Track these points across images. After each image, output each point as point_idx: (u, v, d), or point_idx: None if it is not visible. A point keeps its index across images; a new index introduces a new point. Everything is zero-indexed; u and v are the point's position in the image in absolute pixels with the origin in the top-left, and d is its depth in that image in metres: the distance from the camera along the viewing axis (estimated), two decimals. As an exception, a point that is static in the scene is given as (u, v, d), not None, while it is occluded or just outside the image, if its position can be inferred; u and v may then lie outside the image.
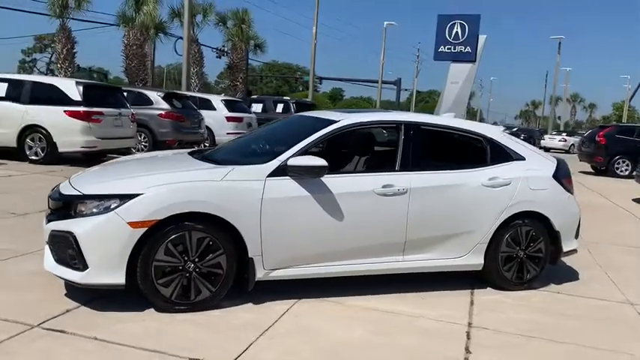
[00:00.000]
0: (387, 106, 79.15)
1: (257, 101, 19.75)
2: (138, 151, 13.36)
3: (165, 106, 14.10)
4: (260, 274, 4.08)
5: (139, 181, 3.90)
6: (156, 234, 3.74)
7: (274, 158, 4.16)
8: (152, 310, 3.87)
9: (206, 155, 4.66)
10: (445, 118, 5.11)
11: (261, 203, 3.98)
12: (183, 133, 14.11)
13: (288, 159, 4.12)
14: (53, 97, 11.32)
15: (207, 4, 28.96)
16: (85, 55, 70.55)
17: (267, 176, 4.06)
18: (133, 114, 12.68)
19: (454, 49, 45.01)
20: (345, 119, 4.54)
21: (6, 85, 11.63)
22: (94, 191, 3.87)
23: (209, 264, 3.90)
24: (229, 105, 16.66)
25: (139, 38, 24.27)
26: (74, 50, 23.24)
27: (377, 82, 62.88)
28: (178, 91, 16.35)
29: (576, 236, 5.24)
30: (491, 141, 4.93)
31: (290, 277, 4.24)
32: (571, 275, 5.61)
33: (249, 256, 4.00)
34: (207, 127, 15.54)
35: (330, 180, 4.22)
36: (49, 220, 3.98)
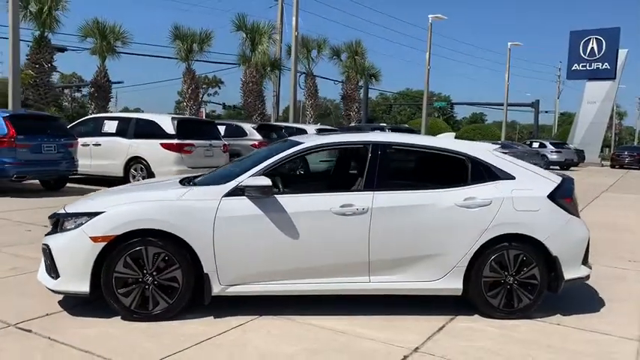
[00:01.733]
0: (527, 128, 74.38)
1: (355, 129, 20.12)
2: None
3: (258, 137, 15.03)
4: (216, 290, 4.31)
5: (104, 200, 4.38)
6: (115, 248, 4.16)
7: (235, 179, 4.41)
8: (119, 318, 4.27)
9: (190, 179, 5.02)
10: (422, 137, 4.97)
11: (214, 221, 4.23)
12: (274, 162, 14.85)
13: (245, 180, 4.35)
14: (152, 131, 12.71)
15: (322, 39, 30.48)
16: (233, 93, 76.67)
17: (224, 196, 4.31)
18: (225, 145, 13.68)
19: (590, 66, 42.26)
20: (307, 142, 4.66)
21: (117, 122, 13.30)
22: (73, 210, 4.42)
23: (165, 277, 4.23)
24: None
25: (254, 75, 26.12)
26: (198, 90, 25.79)
27: (514, 104, 60.31)
28: (273, 123, 17.27)
29: (584, 262, 4.75)
30: (473, 160, 4.69)
31: (248, 294, 4.41)
32: (592, 305, 5.06)
33: (205, 271, 4.26)
34: (301, 156, 16.17)
35: (287, 199, 4.35)
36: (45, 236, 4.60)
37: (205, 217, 4.24)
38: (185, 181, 4.89)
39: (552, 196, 4.63)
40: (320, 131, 17.50)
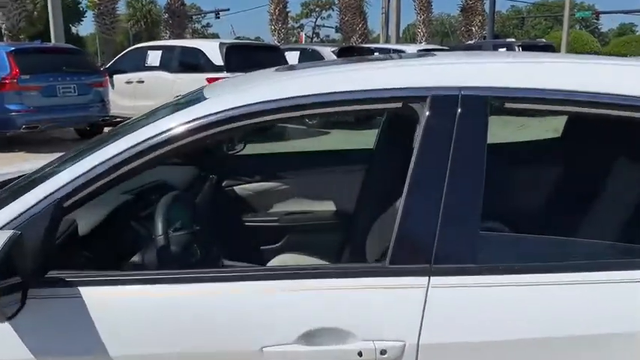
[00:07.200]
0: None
1: (475, 47, 15.95)
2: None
3: (338, 63, 11.82)
4: None
5: None
6: None
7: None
8: None
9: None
10: (594, 66, 1.54)
11: None
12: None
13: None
14: (198, 62, 10.03)
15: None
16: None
17: None
18: (294, 76, 10.68)
19: None
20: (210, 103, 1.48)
21: (160, 53, 10.76)
22: None
23: None
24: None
25: (352, -12, 22.29)
26: (287, 10, 22.51)
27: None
28: (359, 45, 13.87)
29: None
30: None
31: None
32: None
33: None
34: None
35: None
36: None
37: None
38: None
39: None
40: (423, 52, 13.79)
